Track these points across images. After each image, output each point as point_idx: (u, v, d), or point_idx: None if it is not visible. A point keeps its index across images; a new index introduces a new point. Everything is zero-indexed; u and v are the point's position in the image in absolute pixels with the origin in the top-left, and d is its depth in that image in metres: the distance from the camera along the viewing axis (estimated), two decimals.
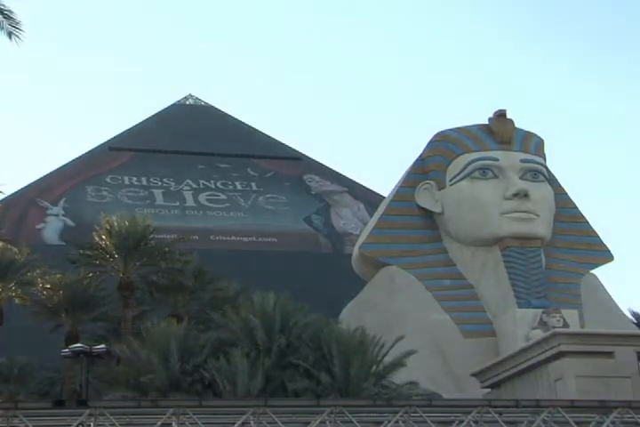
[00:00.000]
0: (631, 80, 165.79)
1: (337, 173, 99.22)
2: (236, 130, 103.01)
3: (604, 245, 40.11)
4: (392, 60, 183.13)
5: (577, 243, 38.94)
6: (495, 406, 21.92)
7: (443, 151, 38.51)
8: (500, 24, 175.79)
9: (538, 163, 38.36)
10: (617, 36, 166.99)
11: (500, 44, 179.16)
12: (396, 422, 20.87)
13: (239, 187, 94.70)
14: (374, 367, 28.83)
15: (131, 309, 37.80)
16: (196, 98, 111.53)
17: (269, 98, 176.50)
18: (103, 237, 38.29)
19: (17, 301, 41.29)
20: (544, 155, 39.42)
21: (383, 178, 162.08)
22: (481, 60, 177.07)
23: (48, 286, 40.39)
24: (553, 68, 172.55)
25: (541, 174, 38.13)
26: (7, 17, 22.33)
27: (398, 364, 29.12)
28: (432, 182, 38.40)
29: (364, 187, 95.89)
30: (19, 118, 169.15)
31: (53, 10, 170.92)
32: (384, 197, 46.30)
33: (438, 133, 39.43)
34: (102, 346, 34.34)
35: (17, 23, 22.46)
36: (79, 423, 19.52)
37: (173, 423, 19.95)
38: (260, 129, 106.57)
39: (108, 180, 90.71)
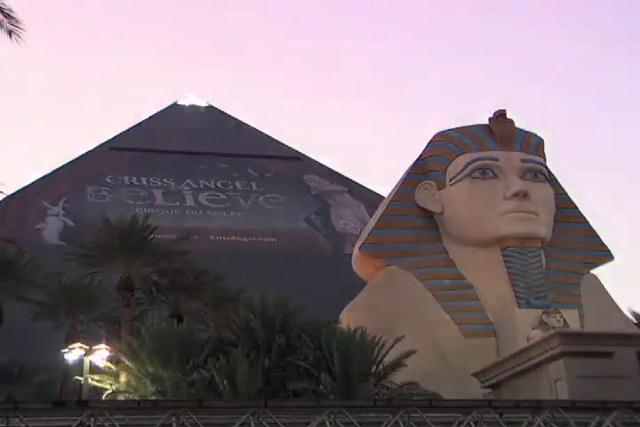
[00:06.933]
0: (631, 79, 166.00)
1: (337, 173, 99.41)
2: (236, 130, 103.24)
3: (604, 245, 40.06)
4: (392, 60, 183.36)
5: (577, 243, 38.85)
6: (495, 407, 21.93)
7: (443, 151, 38.45)
8: (501, 24, 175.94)
9: (538, 163, 38.31)
10: (617, 36, 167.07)
11: (500, 44, 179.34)
12: (396, 422, 20.86)
13: (239, 187, 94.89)
14: (374, 367, 28.83)
15: (131, 309, 37.81)
16: (196, 98, 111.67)
17: (269, 98, 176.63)
18: (103, 237, 38.29)
19: (17, 301, 41.30)
20: (544, 155, 39.37)
21: (383, 178, 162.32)
22: (481, 60, 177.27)
23: (48, 285, 40.41)
24: (553, 68, 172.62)
25: (541, 174, 38.07)
26: (7, 16, 22.29)
27: (398, 364, 29.12)
28: (432, 182, 38.33)
29: (363, 187, 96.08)
30: (19, 118, 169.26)
31: (54, 9, 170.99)
32: (384, 197, 46.24)
33: (438, 133, 39.37)
34: (102, 346, 34.43)
35: (17, 22, 22.42)
36: (79, 423, 19.52)
37: (173, 424, 19.94)
38: (260, 129, 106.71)
39: (108, 180, 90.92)
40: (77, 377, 35.81)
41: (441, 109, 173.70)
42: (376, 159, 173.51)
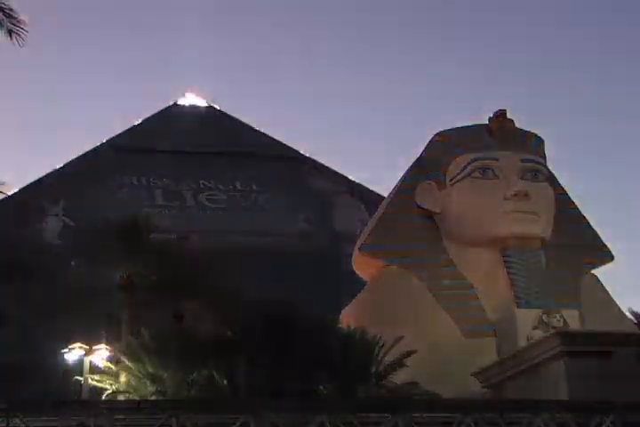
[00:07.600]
0: (631, 79, 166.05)
1: (337, 173, 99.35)
2: (236, 130, 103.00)
3: (604, 245, 40.07)
4: (392, 60, 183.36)
5: (577, 243, 38.87)
6: (495, 407, 21.95)
7: (443, 151, 38.42)
8: (500, 23, 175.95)
9: (538, 163, 38.29)
10: (618, 35, 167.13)
11: (500, 44, 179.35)
12: (396, 422, 20.87)
13: (239, 187, 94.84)
14: (374, 367, 28.83)
15: (131, 309, 37.77)
16: (196, 98, 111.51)
17: (269, 98, 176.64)
18: (103, 237, 38.27)
19: (17, 301, 41.32)
20: (544, 155, 39.37)
21: (383, 178, 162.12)
22: (481, 59, 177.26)
23: (48, 286, 40.43)
24: (553, 68, 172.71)
25: (541, 174, 38.06)
26: (8, 15, 22.21)
27: (398, 364, 29.12)
28: (432, 182, 38.31)
29: (364, 187, 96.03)
30: (19, 118, 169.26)
31: (54, 7, 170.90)
32: (384, 197, 46.23)
33: (438, 133, 39.37)
34: (102, 346, 34.42)
35: (18, 21, 22.34)
36: (79, 423, 19.54)
37: (173, 424, 19.96)
38: (259, 129, 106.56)
39: (108, 180, 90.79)
40: (77, 377, 35.82)
41: (441, 109, 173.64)
42: (376, 159, 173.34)
